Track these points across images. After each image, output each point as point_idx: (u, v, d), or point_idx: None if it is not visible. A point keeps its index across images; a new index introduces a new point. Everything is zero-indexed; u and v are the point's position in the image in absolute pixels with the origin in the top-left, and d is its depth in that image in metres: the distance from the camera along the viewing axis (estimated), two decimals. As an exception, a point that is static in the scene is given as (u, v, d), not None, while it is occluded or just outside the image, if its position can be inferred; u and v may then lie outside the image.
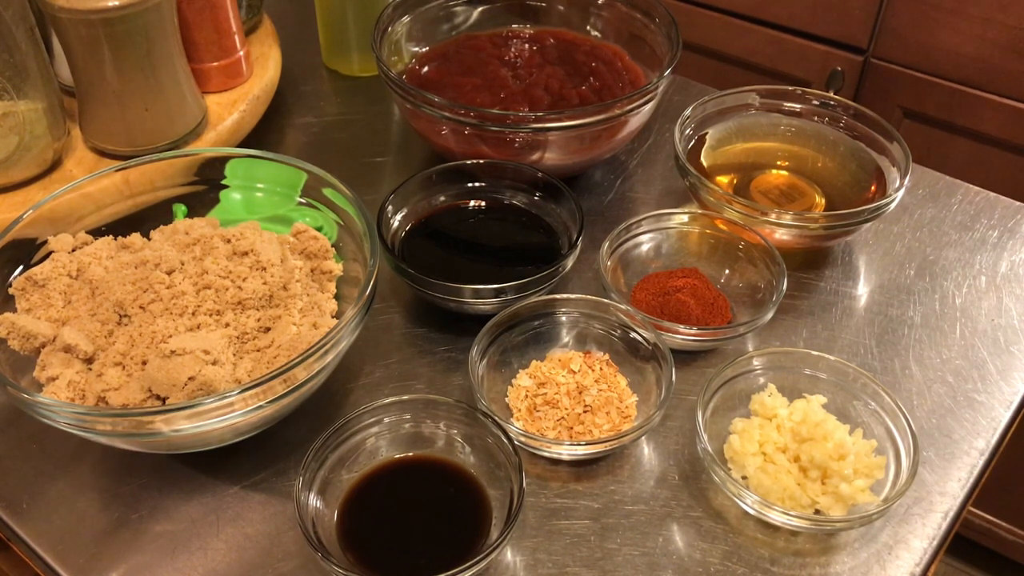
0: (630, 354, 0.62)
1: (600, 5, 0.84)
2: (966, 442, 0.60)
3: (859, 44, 1.20)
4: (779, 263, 0.65)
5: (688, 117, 0.74)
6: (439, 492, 0.55)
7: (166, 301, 0.55)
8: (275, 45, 0.86)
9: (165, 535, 0.54)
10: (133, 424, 0.49)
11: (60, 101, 0.70)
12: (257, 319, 0.56)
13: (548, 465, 0.58)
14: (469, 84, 0.77)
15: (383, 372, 0.64)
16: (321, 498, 0.53)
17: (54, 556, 0.54)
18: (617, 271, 0.68)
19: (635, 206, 0.77)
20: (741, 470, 0.55)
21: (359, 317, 0.54)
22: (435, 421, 0.57)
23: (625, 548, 0.54)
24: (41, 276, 0.58)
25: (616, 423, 0.58)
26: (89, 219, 0.63)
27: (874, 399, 0.58)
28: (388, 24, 0.79)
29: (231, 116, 0.77)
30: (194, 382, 0.51)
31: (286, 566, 0.53)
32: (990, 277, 0.71)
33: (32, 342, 0.55)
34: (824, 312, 0.68)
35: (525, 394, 0.60)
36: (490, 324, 0.61)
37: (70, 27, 0.65)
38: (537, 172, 0.70)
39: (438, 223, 0.70)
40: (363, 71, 0.92)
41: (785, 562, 0.53)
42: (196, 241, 0.59)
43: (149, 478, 0.57)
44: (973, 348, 0.66)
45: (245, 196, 0.67)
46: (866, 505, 0.53)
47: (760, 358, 0.60)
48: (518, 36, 0.83)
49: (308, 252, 0.62)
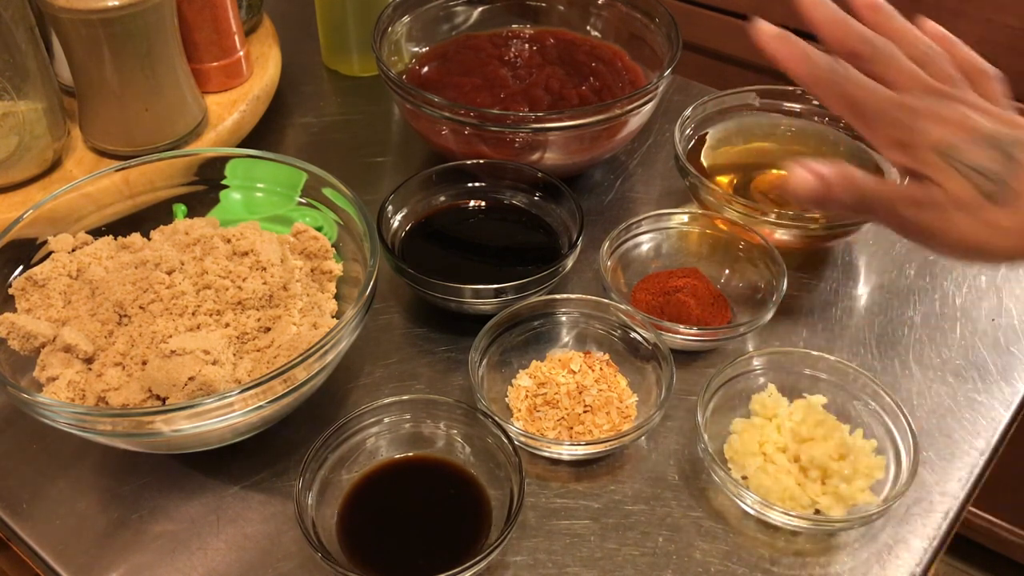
0: (630, 354, 0.62)
1: (600, 5, 0.84)
2: (966, 442, 0.60)
3: (859, 44, 1.20)
4: (779, 263, 0.65)
5: (688, 117, 0.74)
6: (439, 492, 0.55)
7: (166, 301, 0.55)
8: (275, 45, 0.86)
9: (165, 535, 0.54)
10: (133, 424, 0.49)
11: (60, 101, 0.70)
12: (257, 319, 0.56)
13: (548, 465, 0.58)
14: (469, 84, 0.77)
15: (383, 372, 0.64)
16: (321, 498, 0.53)
17: (54, 556, 0.54)
18: (617, 271, 0.68)
19: (635, 206, 0.77)
20: (741, 470, 0.55)
21: (359, 317, 0.54)
22: (435, 421, 0.57)
23: (625, 548, 0.54)
24: (41, 276, 0.58)
25: (616, 423, 0.58)
26: (89, 219, 0.63)
27: (874, 399, 0.58)
28: (388, 24, 0.79)
29: (231, 116, 0.77)
30: (194, 382, 0.51)
31: (286, 566, 0.53)
32: (990, 277, 0.71)
33: (32, 342, 0.55)
34: (824, 312, 0.68)
35: (525, 394, 0.60)
36: (490, 324, 0.61)
37: (70, 27, 0.65)
38: (537, 172, 0.70)
39: (438, 223, 0.70)
40: (363, 71, 0.92)
41: (785, 562, 0.53)
42: (196, 241, 0.59)
43: (149, 478, 0.57)
44: (973, 348, 0.66)
45: (245, 196, 0.67)
46: (866, 505, 0.53)
47: (760, 358, 0.60)
48: (518, 36, 0.83)
49: (308, 252, 0.62)
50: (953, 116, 0.48)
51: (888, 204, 0.49)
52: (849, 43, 0.51)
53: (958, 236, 0.47)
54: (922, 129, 0.48)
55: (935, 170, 0.47)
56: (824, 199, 0.50)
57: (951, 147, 0.47)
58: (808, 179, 0.49)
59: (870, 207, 0.50)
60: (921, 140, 0.48)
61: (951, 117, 0.48)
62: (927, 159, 0.47)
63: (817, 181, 0.49)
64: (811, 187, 0.49)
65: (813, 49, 0.51)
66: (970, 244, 0.47)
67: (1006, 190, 0.46)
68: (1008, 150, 0.46)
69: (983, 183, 0.46)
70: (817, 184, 0.49)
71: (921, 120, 0.48)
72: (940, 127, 0.47)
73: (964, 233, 0.47)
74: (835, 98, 0.50)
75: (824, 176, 0.49)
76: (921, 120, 0.48)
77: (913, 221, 0.48)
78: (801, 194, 0.50)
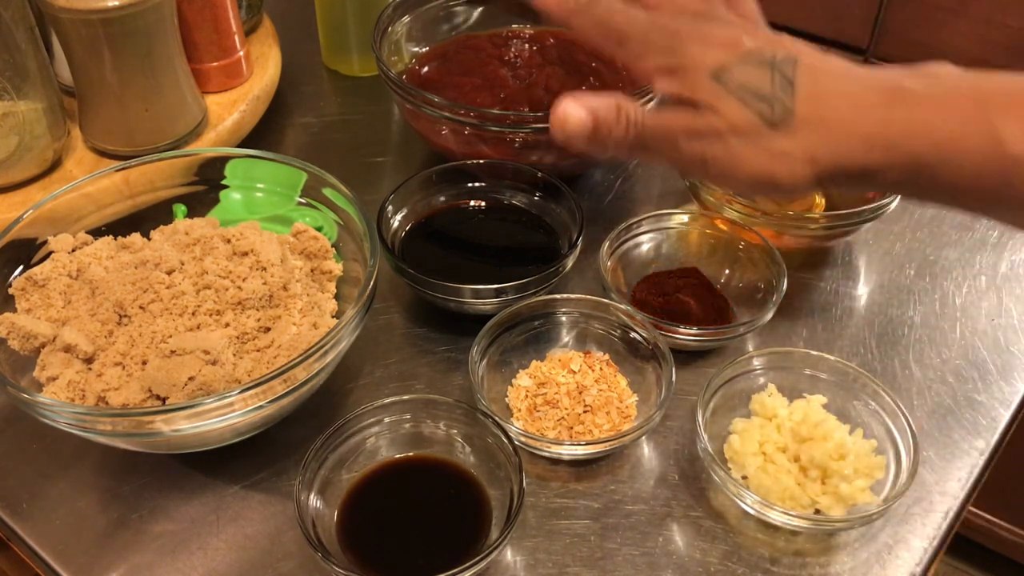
0: (630, 354, 0.62)
1: (600, 5, 0.84)
2: (966, 442, 0.60)
3: (859, 44, 1.20)
4: (779, 263, 0.65)
5: (688, 117, 0.74)
6: (439, 492, 0.55)
7: (166, 301, 0.55)
8: (275, 45, 0.86)
9: (165, 535, 0.54)
10: (133, 424, 0.49)
11: (60, 101, 0.71)
12: (257, 319, 0.56)
13: (548, 465, 0.58)
14: (469, 84, 0.77)
15: (383, 372, 0.64)
16: (321, 498, 0.53)
17: (54, 556, 0.54)
18: (617, 271, 0.68)
19: (635, 206, 0.77)
20: (741, 470, 0.55)
21: (359, 317, 0.54)
22: (435, 421, 0.57)
23: (625, 548, 0.54)
24: (41, 276, 0.58)
25: (616, 423, 0.58)
26: (89, 219, 0.63)
27: (874, 399, 0.58)
28: (388, 24, 0.79)
29: (231, 116, 0.77)
30: (194, 382, 0.51)
31: (286, 566, 0.53)
32: (990, 277, 0.71)
33: (32, 342, 0.55)
34: (824, 312, 0.68)
35: (525, 394, 0.60)
36: (490, 324, 0.61)
37: (70, 27, 0.65)
38: (537, 172, 0.70)
39: (438, 223, 0.70)
40: (363, 71, 0.92)
41: (785, 562, 0.53)
42: (196, 241, 0.59)
43: (149, 478, 0.57)
44: (973, 348, 0.66)
45: (245, 196, 0.67)
46: (866, 505, 0.53)
47: (760, 358, 0.60)
48: (518, 36, 0.83)
49: (308, 252, 0.62)
50: (720, 36, 0.44)
51: (667, 137, 0.45)
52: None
53: (744, 168, 0.43)
54: (691, 53, 0.44)
55: (710, 94, 0.43)
56: (598, 137, 0.45)
57: (723, 69, 0.43)
58: (580, 115, 0.44)
59: (647, 143, 0.45)
60: (691, 63, 0.44)
61: (718, 38, 0.44)
62: (701, 83, 0.43)
63: (589, 117, 0.44)
64: (583, 124, 0.44)
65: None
66: (757, 176, 0.43)
67: (786, 113, 0.42)
68: (782, 69, 0.43)
69: (760, 106, 0.42)
70: (588, 120, 0.44)
71: (688, 43, 0.44)
72: (710, 49, 0.44)
73: (749, 163, 0.43)
74: (593, 29, 0.46)
75: (596, 110, 0.44)
76: (688, 43, 0.44)
77: (696, 154, 0.44)
78: (571, 131, 0.45)
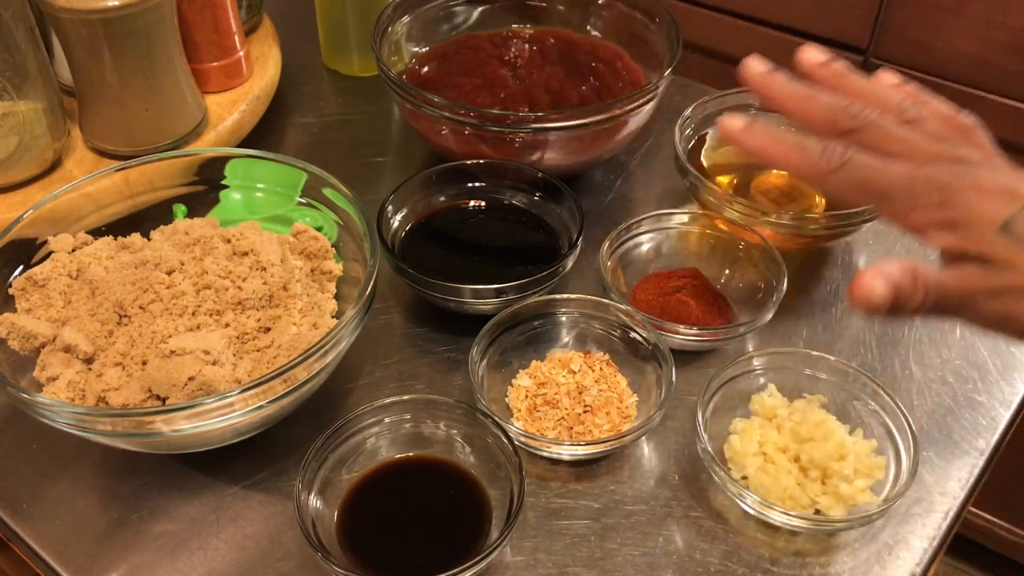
0: (630, 354, 0.62)
1: (600, 5, 0.84)
2: (966, 442, 0.60)
3: (859, 44, 1.20)
4: (779, 263, 0.65)
5: (688, 117, 0.74)
6: (439, 492, 0.55)
7: (166, 301, 0.55)
8: (275, 45, 0.86)
9: (165, 535, 0.54)
10: (133, 424, 0.49)
11: (60, 101, 0.71)
12: (257, 319, 0.56)
13: (548, 465, 0.58)
14: (469, 84, 0.77)
15: (383, 372, 0.64)
16: (321, 498, 0.53)
17: (54, 556, 0.54)
18: (617, 271, 0.68)
19: (635, 206, 0.77)
20: (741, 470, 0.55)
21: (359, 317, 0.54)
22: (435, 421, 0.57)
23: (625, 548, 0.54)
24: (41, 276, 0.58)
25: (616, 423, 0.58)
26: (89, 219, 0.63)
27: (874, 399, 0.58)
28: (388, 24, 0.79)
29: (231, 116, 0.77)
30: (194, 382, 0.51)
31: (286, 566, 0.53)
32: (990, 277, 0.71)
33: (32, 342, 0.55)
34: (824, 312, 0.68)
35: (525, 394, 0.60)
36: (490, 324, 0.61)
37: (70, 27, 0.65)
38: (537, 172, 0.70)
39: (438, 223, 0.70)
40: (363, 71, 0.92)
41: (785, 562, 0.53)
42: (196, 241, 0.59)
43: (149, 478, 0.57)
44: (973, 348, 0.66)
45: (245, 196, 0.67)
46: (866, 505, 0.53)
47: (760, 358, 0.60)
48: (518, 36, 0.83)
49: (308, 252, 0.62)
50: (993, 184, 0.41)
51: (966, 297, 0.42)
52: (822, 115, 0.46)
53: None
54: (967, 205, 0.41)
55: (1003, 250, 0.40)
56: (896, 306, 0.42)
57: (1010, 221, 0.40)
58: (883, 291, 0.42)
59: (944, 304, 0.43)
60: (972, 218, 0.41)
61: (992, 186, 0.41)
62: (988, 238, 0.41)
63: (891, 292, 0.42)
64: (885, 299, 0.42)
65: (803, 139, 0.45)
66: None
67: None
68: None
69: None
70: (890, 294, 0.42)
71: (961, 195, 0.41)
72: (986, 200, 0.41)
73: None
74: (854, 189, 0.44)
75: (897, 283, 0.42)
76: (961, 195, 0.41)
77: (998, 313, 0.41)
78: (874, 303, 0.42)
